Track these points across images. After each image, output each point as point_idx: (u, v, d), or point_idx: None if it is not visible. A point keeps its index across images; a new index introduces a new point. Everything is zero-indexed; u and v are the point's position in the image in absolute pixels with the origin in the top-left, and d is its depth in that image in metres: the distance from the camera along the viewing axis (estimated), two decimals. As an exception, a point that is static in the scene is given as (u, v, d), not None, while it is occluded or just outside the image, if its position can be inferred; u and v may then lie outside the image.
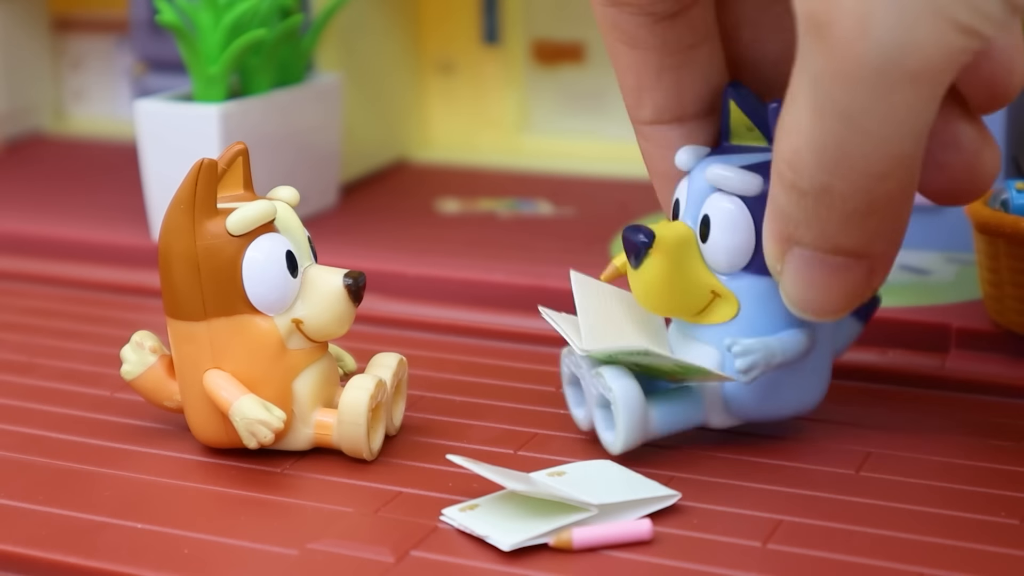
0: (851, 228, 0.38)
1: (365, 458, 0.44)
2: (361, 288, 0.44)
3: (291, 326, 0.43)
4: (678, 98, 0.44)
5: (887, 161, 0.37)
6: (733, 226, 0.42)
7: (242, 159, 0.45)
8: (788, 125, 0.37)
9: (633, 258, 0.43)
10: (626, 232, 0.43)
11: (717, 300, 0.43)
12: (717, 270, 0.43)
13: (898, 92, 0.35)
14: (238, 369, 0.43)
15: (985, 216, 0.49)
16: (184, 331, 0.44)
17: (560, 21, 0.76)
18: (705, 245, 0.43)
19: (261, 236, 0.43)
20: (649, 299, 0.43)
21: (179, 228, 0.43)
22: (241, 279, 0.43)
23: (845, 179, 0.37)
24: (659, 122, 0.44)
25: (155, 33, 0.74)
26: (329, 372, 0.45)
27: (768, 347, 0.42)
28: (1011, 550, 0.38)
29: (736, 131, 0.44)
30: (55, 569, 0.39)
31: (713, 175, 0.42)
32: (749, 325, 0.43)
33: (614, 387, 0.42)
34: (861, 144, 0.36)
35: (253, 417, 0.43)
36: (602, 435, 0.44)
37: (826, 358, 0.44)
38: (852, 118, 0.36)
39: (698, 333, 0.43)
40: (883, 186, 0.37)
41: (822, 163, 0.37)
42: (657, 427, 0.43)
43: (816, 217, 0.38)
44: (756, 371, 0.42)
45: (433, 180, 0.74)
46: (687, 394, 0.44)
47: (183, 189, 0.43)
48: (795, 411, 0.44)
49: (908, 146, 0.37)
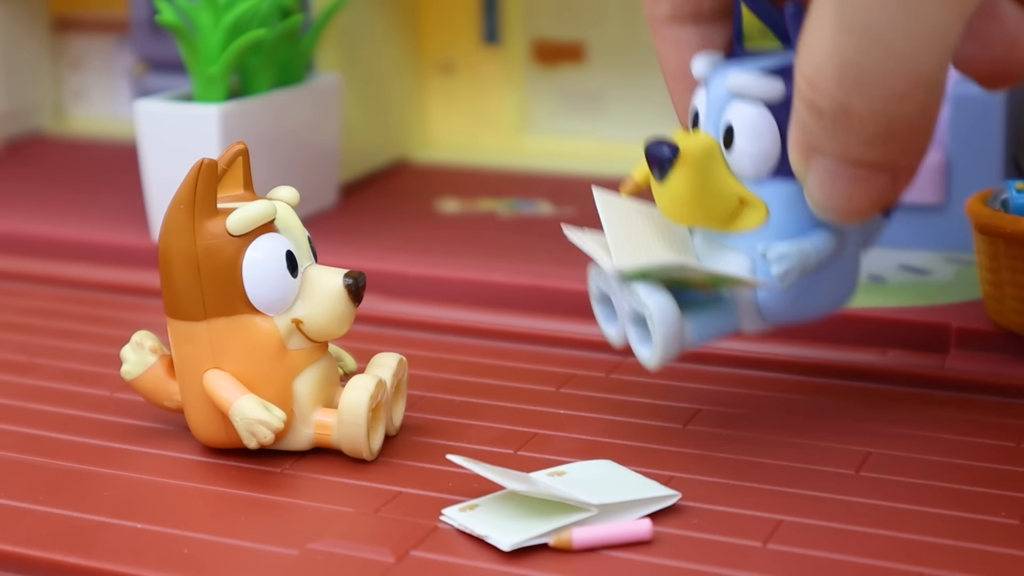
0: (872, 146, 0.38)
1: (365, 458, 0.44)
2: (361, 288, 0.44)
3: (291, 326, 0.43)
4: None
5: (908, 81, 0.36)
6: (757, 133, 0.42)
7: (242, 159, 0.45)
8: (810, 40, 0.37)
9: (658, 171, 0.42)
10: (649, 146, 0.42)
11: (745, 207, 0.42)
12: (743, 177, 0.42)
13: (928, 7, 0.35)
14: (238, 369, 0.43)
15: (985, 216, 0.49)
16: (184, 331, 0.44)
17: (560, 21, 0.76)
18: (729, 153, 0.42)
19: (261, 236, 0.43)
20: (676, 211, 0.42)
21: (179, 228, 0.43)
22: (241, 279, 0.43)
23: (864, 98, 0.36)
24: (675, 19, 0.44)
25: (155, 33, 0.74)
26: (329, 372, 0.45)
27: (803, 250, 0.42)
28: (1011, 550, 0.38)
29: (750, 35, 0.43)
30: (55, 569, 0.39)
31: (734, 83, 0.42)
32: (778, 230, 0.42)
33: (649, 302, 0.42)
34: (883, 60, 0.36)
35: (253, 417, 0.43)
36: (637, 350, 0.43)
37: (854, 255, 0.44)
38: (877, 31, 0.35)
39: (727, 241, 0.43)
40: (903, 107, 0.37)
41: (842, 81, 0.36)
42: (692, 338, 0.43)
43: (836, 135, 0.38)
44: (792, 275, 0.42)
45: (433, 180, 0.74)
46: (719, 303, 0.43)
47: (183, 189, 0.43)
48: (828, 310, 0.44)
49: (932, 65, 0.36)
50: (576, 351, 0.53)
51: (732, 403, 0.48)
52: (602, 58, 0.76)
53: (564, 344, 0.54)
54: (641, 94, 0.75)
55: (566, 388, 0.50)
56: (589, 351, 0.52)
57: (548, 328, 0.55)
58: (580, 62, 0.76)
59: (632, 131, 0.75)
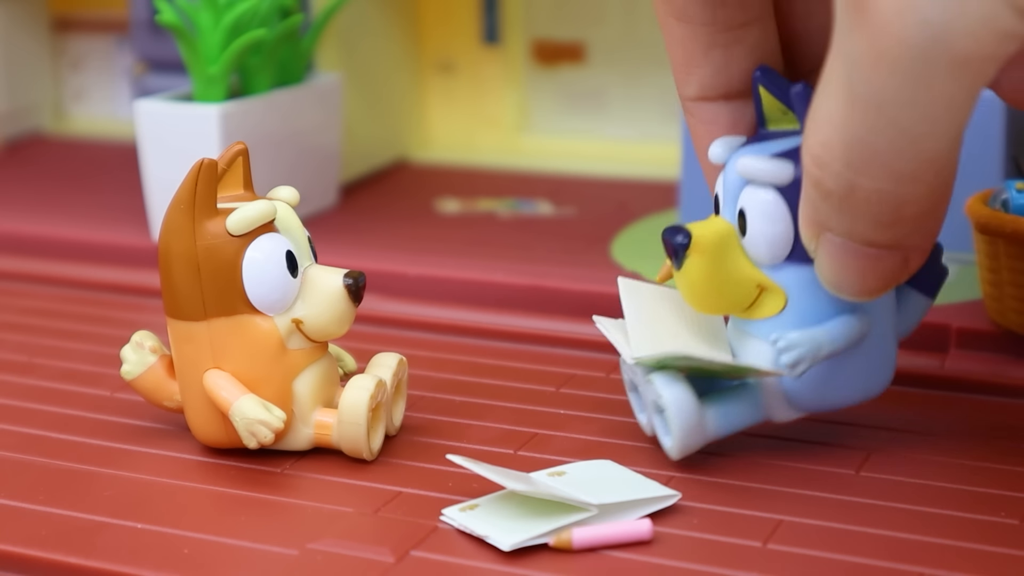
0: (881, 228, 0.37)
1: (365, 458, 0.44)
2: (361, 288, 0.44)
3: (291, 326, 0.43)
4: (726, 75, 0.43)
5: (918, 162, 0.35)
6: (770, 217, 0.41)
7: (242, 159, 0.45)
8: (818, 115, 0.36)
9: (674, 259, 0.42)
10: (665, 233, 0.42)
11: (764, 293, 0.42)
12: (760, 263, 0.42)
13: (940, 81, 0.33)
14: (238, 369, 0.43)
15: (985, 216, 0.49)
16: (184, 331, 0.44)
17: (560, 21, 0.76)
18: (745, 239, 0.42)
19: (261, 236, 0.43)
20: (695, 299, 0.42)
21: (179, 228, 0.43)
22: (241, 279, 0.43)
23: (872, 179, 0.36)
24: (705, 99, 0.43)
25: (155, 33, 0.74)
26: (329, 372, 0.45)
27: (814, 339, 0.41)
28: (1011, 550, 0.38)
29: (771, 116, 0.43)
30: (55, 569, 0.39)
31: (743, 167, 0.42)
32: (799, 316, 0.42)
33: (664, 394, 0.42)
34: (893, 140, 0.35)
35: (253, 417, 0.43)
36: (661, 439, 0.43)
37: (889, 339, 0.43)
38: (887, 108, 0.34)
39: (751, 328, 0.43)
40: (913, 190, 0.36)
41: (850, 160, 0.36)
42: (715, 429, 0.43)
43: (843, 215, 0.37)
44: (804, 365, 0.41)
45: (433, 180, 0.74)
46: (745, 392, 0.43)
47: (183, 189, 0.43)
48: (861, 398, 0.43)
49: (942, 147, 0.35)
50: (576, 351, 0.53)
51: (732, 403, 0.48)
52: (602, 58, 0.76)
53: (564, 344, 0.54)
54: (641, 94, 0.75)
55: (566, 388, 0.50)
56: (589, 351, 0.52)
57: (548, 328, 0.55)
58: (580, 62, 0.76)
59: (632, 131, 0.75)
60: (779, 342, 0.42)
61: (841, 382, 0.43)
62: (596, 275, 0.57)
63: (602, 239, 0.63)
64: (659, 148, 0.73)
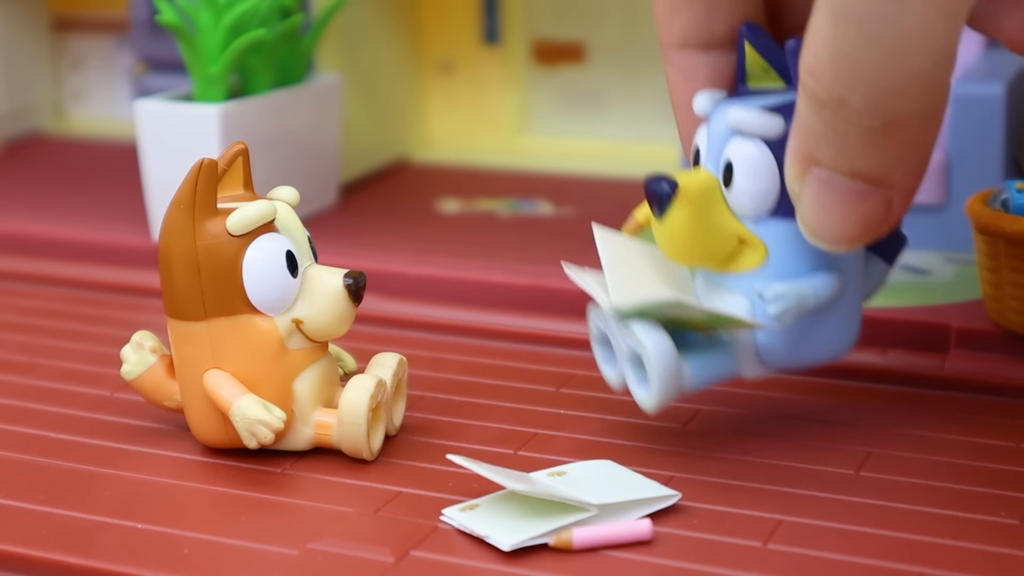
0: (869, 149, 0.37)
1: (365, 458, 0.44)
2: (361, 288, 0.44)
3: (291, 326, 0.43)
4: (708, 24, 0.43)
5: (903, 77, 0.36)
6: (756, 170, 0.41)
7: (242, 159, 0.45)
8: (810, 31, 0.36)
9: (657, 208, 0.42)
10: (648, 181, 0.42)
11: (744, 247, 0.42)
12: (742, 216, 0.42)
13: (911, 1, 0.34)
14: (238, 369, 0.43)
15: (985, 216, 0.49)
16: (184, 331, 0.44)
17: (560, 21, 0.76)
18: (729, 191, 0.42)
19: (261, 236, 0.43)
20: (675, 249, 0.42)
21: (179, 228, 0.43)
22: (241, 279, 0.43)
23: (860, 92, 0.36)
24: (687, 46, 0.43)
25: (155, 33, 0.74)
26: (329, 372, 0.45)
27: (800, 291, 0.42)
28: (1011, 550, 0.38)
29: (752, 73, 0.43)
30: (55, 569, 0.39)
31: (733, 118, 0.41)
32: (777, 270, 0.42)
33: (646, 341, 0.41)
34: (874, 54, 0.35)
35: (253, 417, 0.43)
36: (635, 392, 0.43)
37: (856, 301, 0.43)
38: (865, 24, 0.35)
39: (726, 282, 0.43)
40: (899, 104, 0.36)
41: (838, 72, 0.36)
42: (691, 381, 0.42)
43: (835, 132, 0.37)
44: (789, 316, 0.42)
45: (433, 180, 0.74)
46: (718, 346, 0.43)
47: (183, 189, 0.43)
48: (828, 356, 0.44)
49: (926, 64, 0.35)
50: (576, 351, 0.53)
51: (732, 403, 0.48)
52: (602, 58, 0.76)
53: (564, 344, 0.54)
54: (641, 94, 0.75)
55: (566, 388, 0.50)
56: (589, 351, 0.52)
57: (548, 328, 0.55)
58: (580, 62, 0.76)
59: (632, 131, 0.75)
60: (766, 292, 0.42)
61: (812, 339, 0.43)
62: (596, 275, 0.57)
63: (602, 239, 0.62)
64: (659, 148, 0.73)
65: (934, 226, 0.59)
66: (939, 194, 0.59)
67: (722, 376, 0.43)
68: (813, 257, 0.42)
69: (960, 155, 0.58)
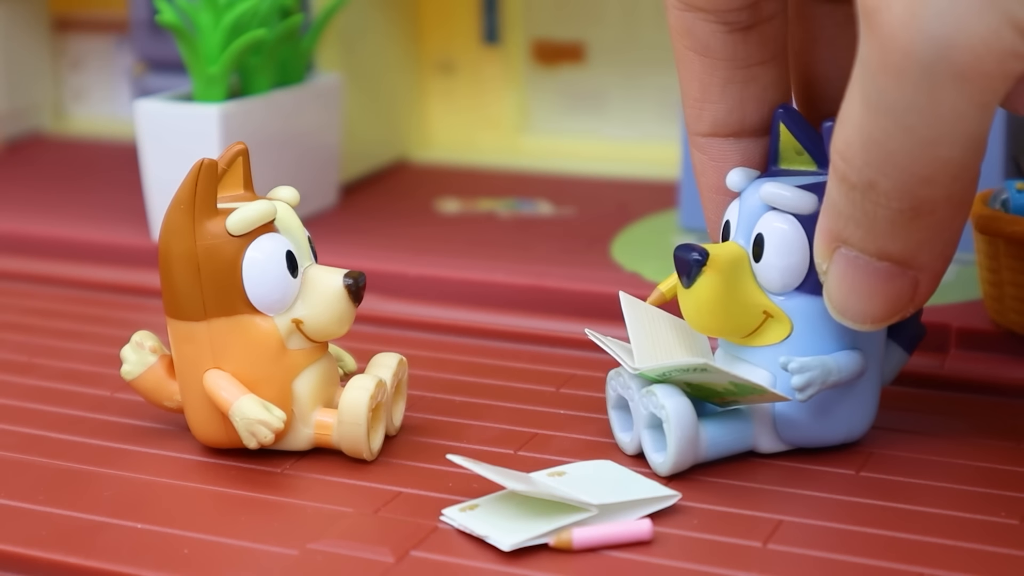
0: (897, 232, 0.37)
1: (365, 458, 0.44)
2: (361, 288, 0.44)
3: (291, 326, 0.43)
4: (740, 113, 0.43)
5: (933, 165, 0.36)
6: (787, 245, 0.42)
7: (242, 159, 0.45)
8: (843, 115, 0.37)
9: (685, 277, 0.42)
10: (678, 251, 0.42)
11: (769, 321, 0.42)
12: (769, 290, 0.42)
13: (944, 91, 0.34)
14: (238, 369, 0.43)
15: (985, 216, 0.49)
16: (184, 331, 0.44)
17: (560, 21, 0.76)
18: (758, 265, 0.42)
19: (261, 236, 0.43)
20: (700, 318, 0.42)
21: (179, 228, 0.43)
22: (241, 279, 0.43)
23: (890, 177, 0.36)
24: (716, 135, 0.44)
25: (155, 33, 0.74)
26: (329, 372, 0.45)
27: (824, 365, 0.42)
28: (1011, 550, 0.38)
29: (785, 155, 0.43)
30: (55, 569, 0.39)
31: (768, 193, 0.42)
32: (801, 346, 0.42)
33: (667, 404, 0.42)
34: (905, 142, 0.35)
35: (253, 417, 0.43)
36: (650, 457, 0.43)
37: (875, 384, 0.44)
38: (898, 113, 0.35)
39: (748, 355, 0.43)
40: (928, 190, 0.36)
41: (869, 157, 0.36)
42: (707, 449, 0.43)
43: (864, 214, 0.37)
44: (812, 389, 0.42)
45: (433, 180, 0.74)
46: (737, 417, 0.43)
47: (183, 189, 0.43)
48: (844, 437, 0.44)
49: (956, 152, 0.35)
50: (576, 351, 0.53)
51: (732, 403, 0.48)
52: (602, 58, 0.76)
53: (564, 344, 0.54)
54: (641, 94, 0.75)
55: (566, 388, 0.50)
56: (589, 351, 0.52)
57: (548, 328, 0.55)
58: (580, 62, 0.76)
59: (632, 131, 0.75)
60: (791, 364, 0.42)
61: (831, 417, 0.43)
62: (596, 275, 0.57)
63: (602, 239, 0.63)
64: (659, 148, 0.73)
65: (934, 226, 0.59)
66: (939, 194, 0.59)
67: (738, 447, 0.43)
68: (837, 335, 0.42)
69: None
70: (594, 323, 0.53)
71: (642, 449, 0.43)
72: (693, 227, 0.63)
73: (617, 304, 0.45)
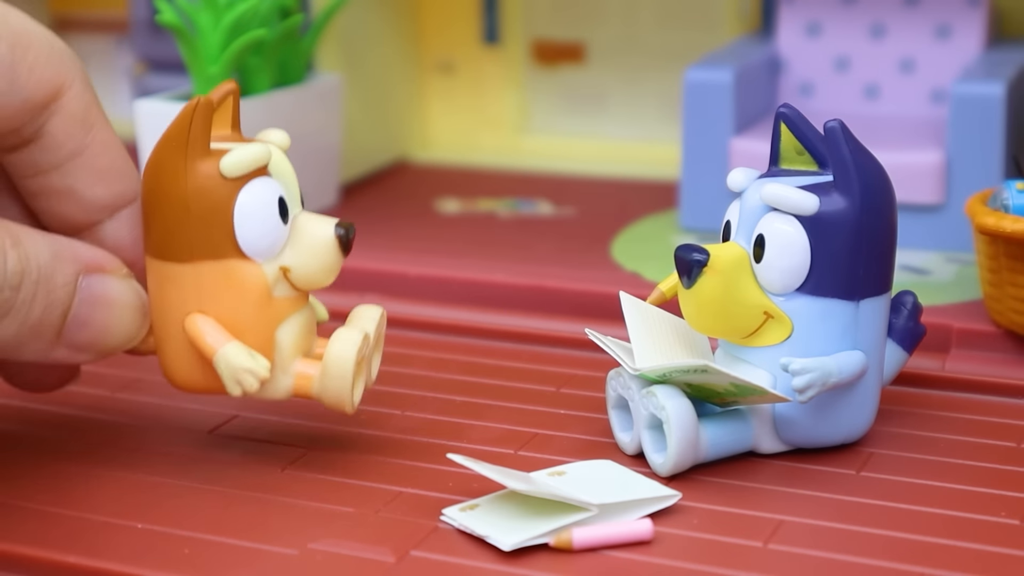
0: None
1: (347, 411, 0.43)
2: (351, 238, 0.42)
3: (278, 273, 0.42)
4: None
5: None
6: (789, 246, 0.42)
7: (232, 98, 0.43)
8: None
9: (686, 277, 0.42)
10: (679, 251, 0.42)
11: (769, 321, 0.42)
12: (770, 291, 0.42)
13: None
14: (222, 314, 0.42)
15: (985, 216, 0.49)
16: (167, 272, 0.42)
17: (560, 21, 0.76)
18: (759, 265, 0.42)
19: (254, 180, 0.42)
20: (701, 319, 0.43)
21: (170, 167, 0.41)
22: (232, 223, 0.41)
23: None
24: None
25: (155, 33, 0.74)
26: (310, 322, 0.44)
27: (824, 366, 0.42)
28: (1011, 550, 0.38)
29: (786, 155, 0.43)
30: (55, 569, 0.39)
31: (770, 194, 0.42)
32: (802, 346, 0.42)
33: (667, 406, 0.42)
34: None
35: (239, 365, 0.41)
36: (650, 457, 0.43)
37: (876, 384, 0.44)
38: None
39: (748, 355, 0.43)
40: None
41: None
42: (707, 450, 0.43)
43: None
44: (813, 390, 0.42)
45: (433, 180, 0.74)
46: (737, 417, 0.43)
47: (175, 127, 0.42)
48: (844, 438, 0.44)
49: None
50: (576, 351, 0.53)
51: (732, 403, 0.48)
52: (602, 58, 0.76)
53: (564, 344, 0.54)
54: (641, 94, 0.75)
55: (566, 388, 0.50)
56: (589, 351, 0.52)
57: (548, 328, 0.55)
58: (580, 62, 0.76)
59: (632, 131, 0.75)
60: (791, 365, 0.42)
61: (831, 418, 0.43)
62: (596, 275, 0.57)
63: (602, 239, 0.63)
64: (659, 148, 0.73)
65: (934, 226, 0.59)
66: (939, 194, 0.59)
67: (738, 448, 0.43)
68: (838, 336, 0.42)
69: (960, 155, 0.58)
70: (594, 323, 0.53)
71: (642, 449, 0.43)
72: (693, 227, 0.63)
73: (617, 304, 0.45)
